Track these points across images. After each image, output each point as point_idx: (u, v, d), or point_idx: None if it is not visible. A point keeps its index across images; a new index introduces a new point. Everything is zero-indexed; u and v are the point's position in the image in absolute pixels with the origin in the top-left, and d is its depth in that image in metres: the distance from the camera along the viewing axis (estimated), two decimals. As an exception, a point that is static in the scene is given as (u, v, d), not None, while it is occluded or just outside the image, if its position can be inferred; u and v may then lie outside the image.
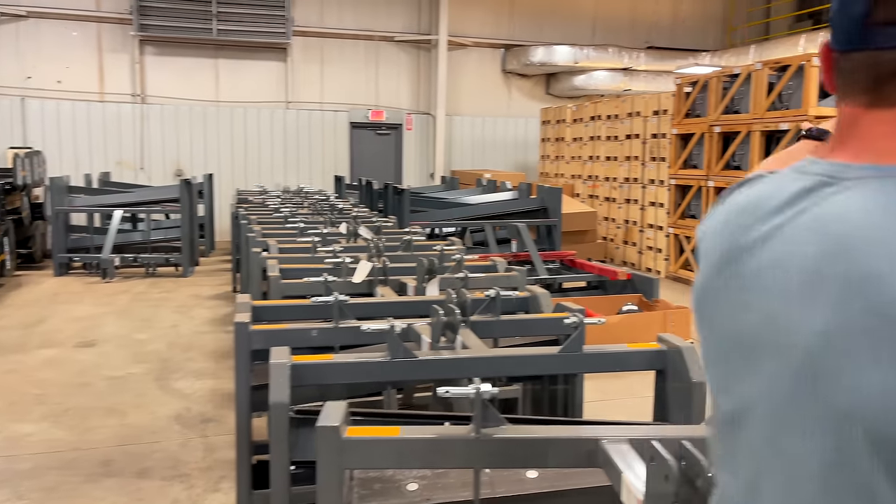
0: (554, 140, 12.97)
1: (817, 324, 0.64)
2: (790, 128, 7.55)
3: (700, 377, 2.30)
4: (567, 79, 14.26)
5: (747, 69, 8.24)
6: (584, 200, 11.97)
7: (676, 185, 9.63)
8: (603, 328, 5.87)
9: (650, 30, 15.25)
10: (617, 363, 2.43)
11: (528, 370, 2.39)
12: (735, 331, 0.75)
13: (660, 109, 10.01)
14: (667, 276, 9.84)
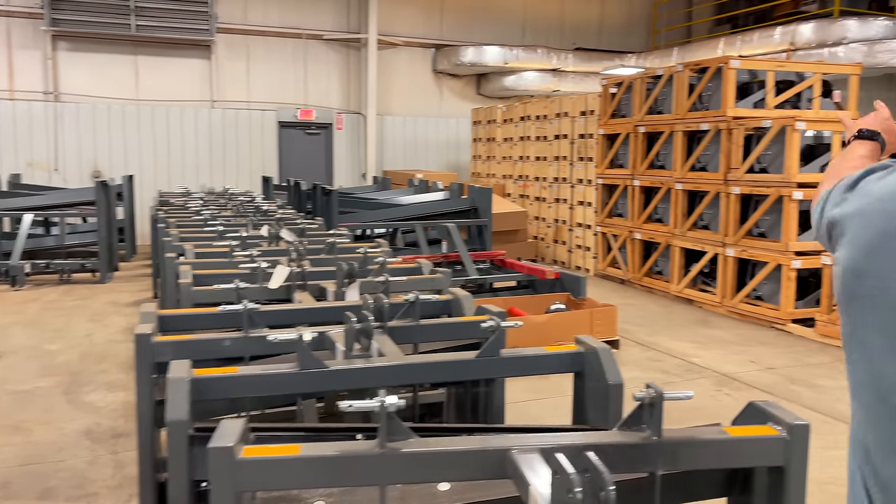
0: (485, 140, 13.02)
1: None
2: (710, 128, 7.77)
3: (616, 379, 2.29)
4: (497, 79, 14.34)
5: (669, 71, 8.43)
6: (515, 200, 12.05)
7: (603, 184, 9.78)
8: (531, 327, 5.93)
9: (578, 31, 15.49)
10: (535, 366, 2.39)
11: (445, 376, 2.33)
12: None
13: (587, 110, 10.15)
14: (595, 274, 10.00)
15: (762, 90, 7.72)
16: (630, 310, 7.86)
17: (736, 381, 5.36)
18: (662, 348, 6.27)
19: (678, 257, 8.35)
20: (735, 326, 7.14)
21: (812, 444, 4.19)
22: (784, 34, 11.33)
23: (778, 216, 7.09)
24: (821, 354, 6.10)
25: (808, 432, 1.69)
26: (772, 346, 6.40)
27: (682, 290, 8.27)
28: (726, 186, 7.60)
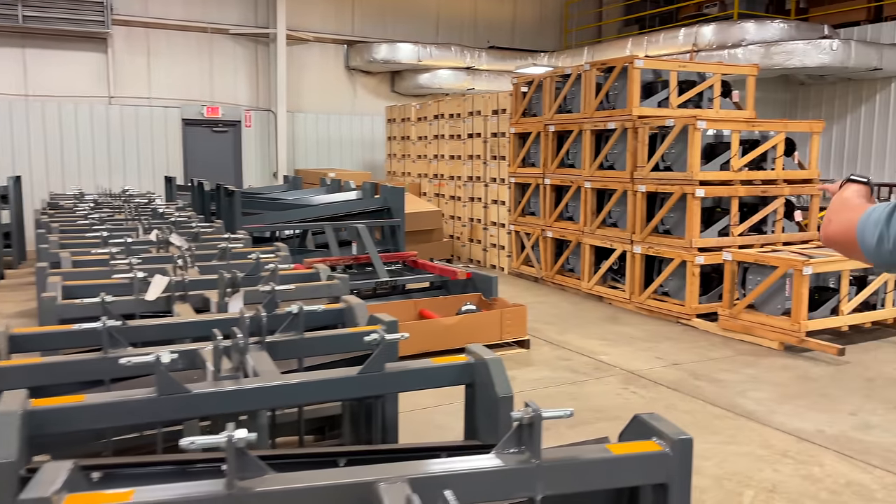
0: (400, 138, 12.85)
1: None
2: (617, 127, 7.87)
3: (505, 391, 2.18)
4: (412, 77, 14.19)
5: (577, 70, 8.50)
6: (430, 199, 11.94)
7: (516, 183, 9.79)
8: (441, 330, 5.82)
9: (492, 30, 15.52)
10: (422, 380, 2.26)
11: (322, 396, 2.17)
12: None
13: (499, 109, 10.14)
14: (510, 273, 10.01)
15: (666, 90, 7.88)
16: (542, 308, 7.87)
17: (643, 378, 5.41)
18: (572, 347, 6.28)
19: (588, 255, 8.43)
20: (643, 322, 7.25)
21: (712, 439, 4.25)
22: (687, 35, 11.67)
23: (682, 213, 7.24)
24: (723, 348, 6.26)
25: (691, 447, 1.62)
26: (677, 341, 6.52)
27: (592, 287, 8.35)
28: (633, 184, 7.71)
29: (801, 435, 4.29)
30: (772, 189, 7.40)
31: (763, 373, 5.54)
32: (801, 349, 6.11)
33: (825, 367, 5.67)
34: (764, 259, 6.40)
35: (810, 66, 10.66)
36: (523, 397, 4.95)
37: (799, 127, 7.62)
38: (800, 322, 6.04)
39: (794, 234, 7.67)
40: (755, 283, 6.51)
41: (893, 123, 11.77)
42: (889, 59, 11.23)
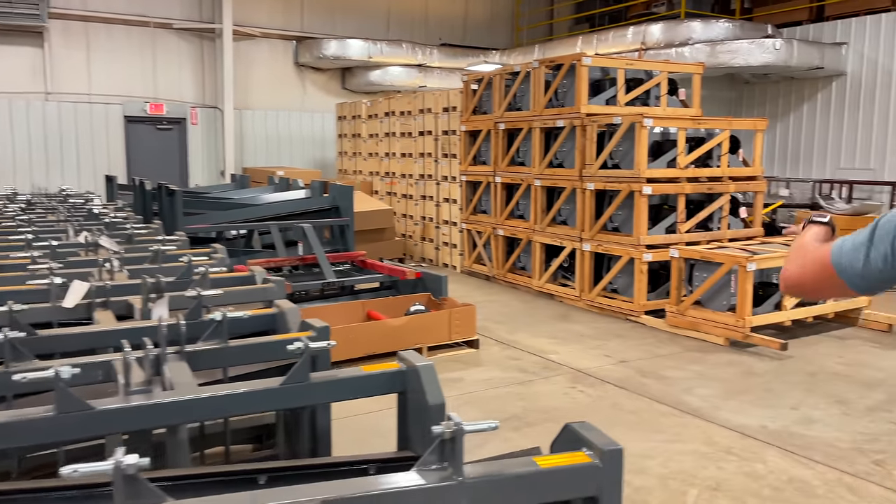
0: (351, 136, 12.67)
1: None
2: (565, 124, 7.86)
3: (437, 399, 2.09)
4: (363, 73, 14.03)
5: (526, 67, 8.47)
6: (382, 198, 11.80)
7: (467, 181, 9.73)
8: (389, 331, 5.71)
9: (443, 27, 15.45)
10: (350, 390, 2.15)
11: (241, 409, 2.05)
12: None
13: (449, 106, 10.06)
14: (462, 271, 9.94)
15: (614, 87, 7.91)
16: (493, 307, 7.83)
17: (591, 376, 5.39)
18: (522, 346, 6.24)
19: (539, 253, 8.42)
20: (593, 320, 7.26)
21: (657, 438, 4.23)
22: (636, 34, 11.77)
23: (630, 211, 7.27)
24: (670, 345, 6.29)
25: (622, 458, 1.56)
26: (626, 338, 6.54)
27: (543, 285, 8.34)
28: (582, 182, 7.72)
29: (745, 431, 4.32)
30: (717, 186, 7.49)
31: (709, 369, 5.58)
32: (746, 344, 6.18)
33: (769, 362, 5.75)
34: (709, 256, 6.45)
35: (754, 64, 10.86)
36: (471, 399, 4.87)
37: (743, 125, 7.72)
38: (744, 318, 6.11)
39: (740, 230, 7.78)
40: (701, 279, 6.56)
41: (835, 121, 12.08)
42: (830, 59, 11.52)
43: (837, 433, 4.29)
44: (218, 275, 3.53)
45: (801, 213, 9.60)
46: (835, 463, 3.88)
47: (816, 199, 10.04)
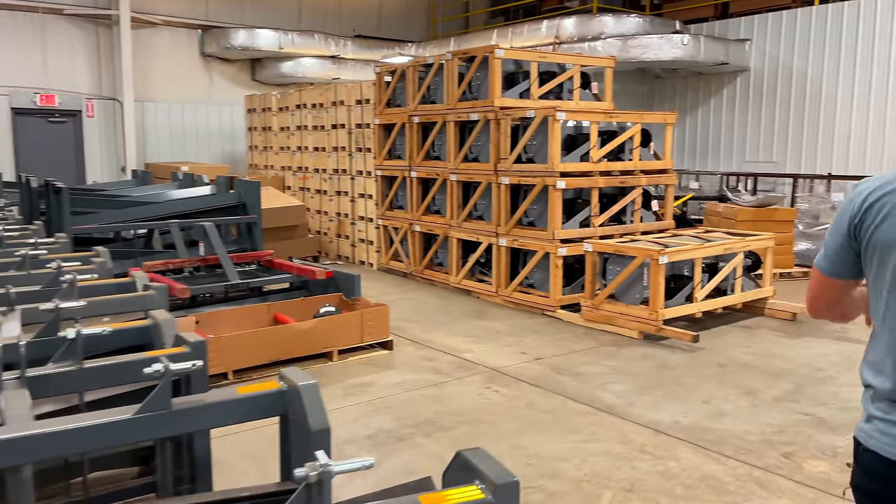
0: (261, 129, 12.18)
1: None
2: (480, 118, 7.72)
3: (320, 423, 1.86)
4: (274, 65, 13.52)
5: (439, 59, 8.29)
6: (295, 193, 11.40)
7: (382, 175, 9.48)
8: (296, 336, 5.41)
9: (357, 18, 15.09)
10: (223, 415, 1.89)
11: (89, 445, 1.76)
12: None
13: (362, 99, 9.77)
14: (379, 268, 9.69)
15: (527, 80, 7.82)
16: (409, 305, 7.62)
17: (506, 375, 5.26)
18: (437, 345, 6.06)
19: (456, 249, 8.27)
20: (509, 316, 7.16)
21: (572, 438, 4.11)
22: (550, 27, 11.78)
23: (545, 205, 7.20)
24: (586, 340, 6.25)
25: (518, 491, 1.37)
26: (542, 334, 6.46)
27: (460, 281, 8.20)
28: (497, 177, 7.60)
29: (659, 427, 4.27)
30: (630, 180, 7.52)
31: (623, 364, 5.55)
32: (659, 337, 6.20)
33: (681, 355, 5.77)
34: (622, 249, 6.45)
35: (664, 59, 11.05)
36: (383, 404, 4.64)
37: (654, 118, 7.79)
38: (657, 311, 6.13)
39: (652, 223, 7.85)
40: (615, 273, 6.56)
41: (740, 116, 12.47)
42: (735, 55, 11.86)
43: (747, 426, 4.30)
44: (91, 282, 3.17)
45: (710, 206, 9.83)
46: (745, 457, 3.87)
47: (724, 191, 10.31)
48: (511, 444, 4.02)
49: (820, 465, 3.77)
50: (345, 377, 5.20)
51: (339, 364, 5.50)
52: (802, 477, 3.63)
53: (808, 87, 11.43)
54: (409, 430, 4.24)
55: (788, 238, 9.24)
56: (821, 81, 11.25)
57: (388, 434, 4.18)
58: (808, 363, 5.56)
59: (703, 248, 6.48)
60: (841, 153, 11.10)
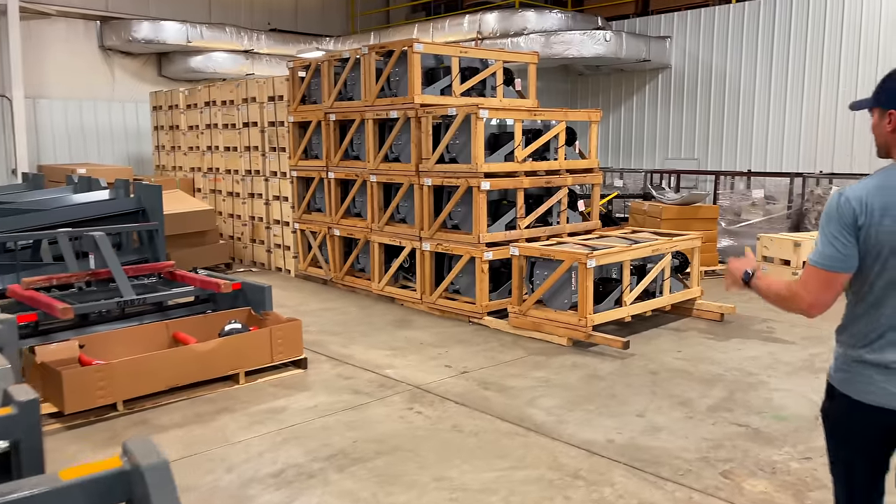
0: (168, 128, 11.42)
1: None
2: (399, 115, 7.32)
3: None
4: (182, 60, 12.72)
5: (355, 53, 7.84)
6: (206, 196, 10.72)
7: (298, 177, 8.95)
8: (194, 358, 4.88)
9: (272, 12, 14.43)
10: (38, 512, 1.43)
11: None
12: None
13: (275, 95, 9.21)
14: (297, 275, 9.17)
15: (448, 76, 7.46)
16: (328, 315, 7.16)
17: (430, 393, 4.89)
18: (357, 361, 5.63)
19: (378, 254, 7.85)
20: (435, 325, 6.80)
21: (500, 465, 3.69)
22: (472, 23, 11.49)
23: (469, 207, 6.87)
24: (514, 349, 5.95)
25: None
26: (468, 344, 6.13)
27: (383, 288, 7.78)
28: (419, 178, 7.23)
29: (592, 448, 3.99)
30: (555, 179, 7.28)
31: (553, 374, 5.27)
32: (588, 344, 5.97)
33: (612, 363, 5.54)
34: (549, 253, 6.18)
35: (587, 56, 10.93)
36: (294, 433, 4.16)
37: (578, 116, 7.57)
38: (586, 317, 5.89)
39: (579, 223, 7.65)
40: (542, 277, 6.29)
41: (662, 113, 12.51)
42: (656, 52, 11.87)
43: (683, 441, 4.07)
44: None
45: (635, 204, 9.75)
46: (683, 479, 3.62)
47: (648, 189, 10.26)
48: (434, 474, 3.65)
49: (760, 485, 3.56)
50: (252, 402, 4.72)
51: (246, 387, 5.00)
52: (744, 500, 3.41)
53: (727, 85, 11.54)
54: (321, 463, 3.81)
55: (712, 235, 9.24)
56: (739, 79, 11.37)
57: (298, 470, 3.74)
58: (739, 367, 5.42)
59: (631, 249, 6.28)
60: (759, 150, 11.26)
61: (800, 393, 4.85)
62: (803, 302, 2.14)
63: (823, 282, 2.11)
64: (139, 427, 4.35)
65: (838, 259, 2.08)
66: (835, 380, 2.22)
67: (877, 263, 2.06)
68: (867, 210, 2.03)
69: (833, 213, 2.09)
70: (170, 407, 4.63)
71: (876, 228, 2.03)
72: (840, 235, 2.07)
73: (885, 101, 2.10)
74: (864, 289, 2.12)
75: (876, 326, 2.10)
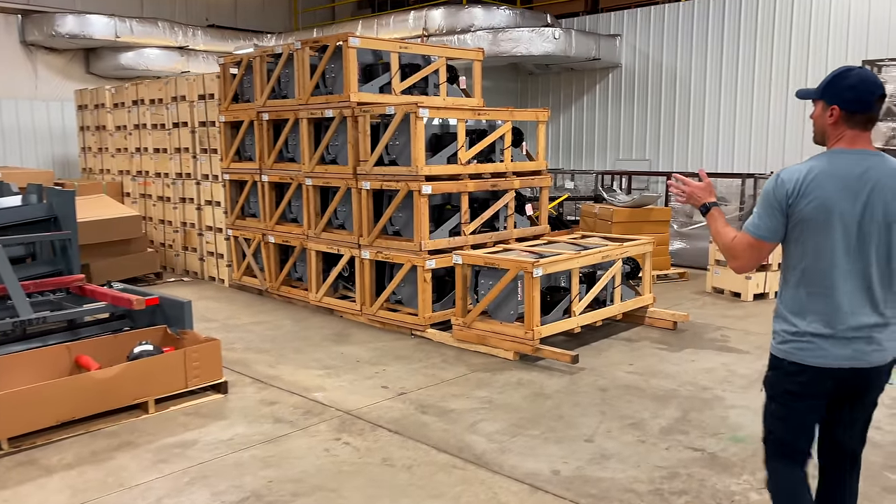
0: (95, 129, 10.71)
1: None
2: (335, 114, 6.85)
3: None
4: (112, 56, 11.97)
5: (288, 48, 7.34)
6: (136, 201, 10.06)
7: (231, 180, 8.40)
8: (95, 386, 4.32)
9: (211, 6, 13.78)
10: None
11: None
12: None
13: (206, 93, 8.63)
14: (231, 285, 8.61)
15: (388, 73, 7.03)
16: (260, 330, 6.65)
17: (361, 419, 4.44)
18: (284, 382, 5.15)
19: (315, 262, 7.36)
20: (375, 338, 6.36)
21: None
22: (417, 19, 11.07)
23: (411, 212, 6.44)
24: (457, 365, 5.54)
25: None
26: (409, 360, 5.70)
27: (321, 299, 7.30)
28: (357, 181, 6.77)
29: (536, 481, 3.60)
30: (502, 182, 6.90)
31: (497, 394, 4.88)
32: (536, 358, 5.60)
33: (560, 379, 5.18)
34: (494, 261, 5.80)
35: (536, 54, 10.60)
36: (202, 472, 3.57)
37: (525, 115, 7.21)
38: (533, 329, 5.52)
39: (527, 228, 7.29)
40: (487, 287, 5.90)
41: (613, 113, 12.28)
42: (606, 50, 11.62)
43: (634, 470, 3.72)
44: None
45: (586, 206, 9.45)
46: (635, 518, 3.26)
47: (599, 191, 9.98)
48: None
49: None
50: (159, 435, 4.20)
51: (155, 417, 4.48)
52: (701, 543, 3.06)
53: (677, 84, 11.36)
54: (225, 514, 3.34)
55: (664, 238, 9.00)
56: (690, 78, 11.20)
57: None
58: (693, 381, 5.12)
59: (579, 256, 5.93)
60: (711, 151, 11.09)
61: (756, 409, 4.51)
62: (735, 261, 2.51)
63: (754, 247, 2.44)
64: (24, 468, 3.80)
65: (769, 230, 2.40)
66: (784, 351, 2.45)
67: (806, 240, 2.36)
68: (798, 191, 2.33)
69: (770, 191, 2.40)
70: (63, 444, 4.09)
71: (804, 207, 2.33)
72: (772, 210, 2.39)
73: (828, 97, 2.37)
74: (796, 264, 2.41)
75: (814, 301, 2.37)
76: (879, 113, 2.40)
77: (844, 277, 2.32)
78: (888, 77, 8.36)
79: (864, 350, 2.34)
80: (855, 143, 2.35)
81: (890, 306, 2.37)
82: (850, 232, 2.30)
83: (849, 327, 2.33)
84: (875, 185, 2.29)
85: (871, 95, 2.32)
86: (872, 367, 2.37)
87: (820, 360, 2.36)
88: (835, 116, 2.34)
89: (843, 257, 2.31)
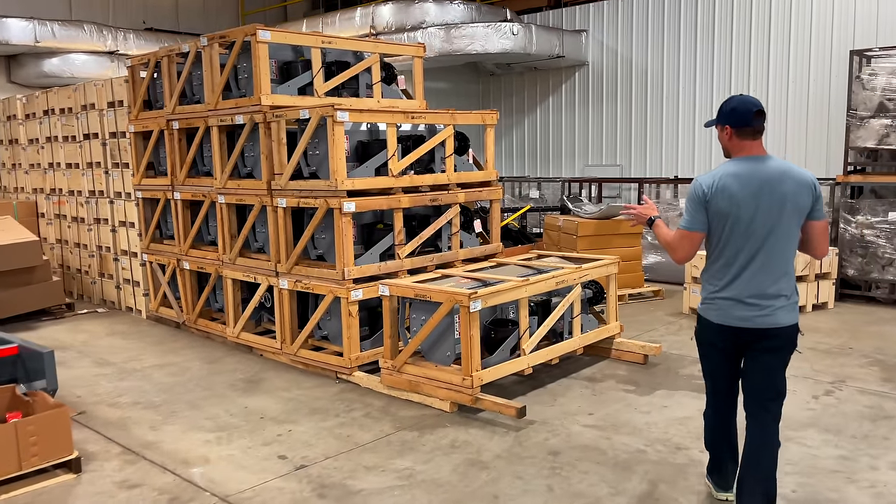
0: (8, 143, 9.66)
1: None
2: (246, 121, 5.88)
3: None
4: (34, 63, 10.91)
5: (195, 46, 6.36)
6: (51, 222, 9.02)
7: (144, 198, 7.39)
8: None
9: (149, 8, 12.76)
10: None
11: None
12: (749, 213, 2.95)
13: (115, 100, 7.63)
14: (149, 317, 7.58)
15: (309, 72, 6.06)
16: (159, 376, 5.64)
17: (238, 509, 3.46)
18: (161, 453, 4.15)
19: (232, 292, 6.37)
20: (292, 384, 5.37)
21: None
22: (364, 16, 10.13)
23: (333, 234, 5.47)
24: (381, 421, 4.57)
25: None
26: (325, 414, 4.72)
27: (239, 335, 6.30)
28: (272, 198, 5.80)
29: None
30: (444, 196, 5.95)
31: (421, 464, 3.91)
32: (477, 410, 4.64)
33: (503, 438, 4.23)
34: (423, 292, 4.83)
35: (492, 51, 9.68)
36: None
37: (469, 119, 6.27)
38: (472, 375, 4.56)
39: (475, 248, 6.34)
40: (420, 323, 4.94)
41: (580, 115, 11.36)
42: (570, 46, 10.72)
43: (581, 589, 2.76)
44: None
45: (550, 219, 8.52)
46: None
47: (564, 201, 9.04)
48: None
49: None
50: (-37, 546, 3.20)
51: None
52: None
53: (649, 84, 10.47)
54: None
55: (636, 252, 8.09)
56: (662, 77, 10.31)
57: None
58: (664, 437, 4.18)
59: (527, 284, 4.98)
60: (686, 154, 10.20)
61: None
62: (675, 253, 3.08)
63: (688, 239, 3.04)
64: None
65: (696, 222, 3.01)
66: (702, 310, 3.12)
67: (719, 228, 2.98)
68: (711, 190, 2.96)
69: (692, 193, 3.02)
70: None
71: (716, 203, 2.95)
72: (697, 206, 3.00)
73: (721, 120, 3.05)
74: (713, 246, 3.04)
75: (723, 273, 3.01)
76: (762, 125, 2.99)
77: (746, 254, 2.93)
78: (878, 68, 7.50)
79: (758, 315, 2.94)
80: (750, 151, 3.01)
81: (784, 280, 2.94)
82: (751, 218, 2.90)
83: (750, 295, 2.94)
84: (765, 180, 2.91)
85: (749, 113, 2.94)
86: (763, 328, 2.94)
87: (724, 319, 3.01)
88: (728, 133, 3.02)
89: (745, 239, 2.92)
